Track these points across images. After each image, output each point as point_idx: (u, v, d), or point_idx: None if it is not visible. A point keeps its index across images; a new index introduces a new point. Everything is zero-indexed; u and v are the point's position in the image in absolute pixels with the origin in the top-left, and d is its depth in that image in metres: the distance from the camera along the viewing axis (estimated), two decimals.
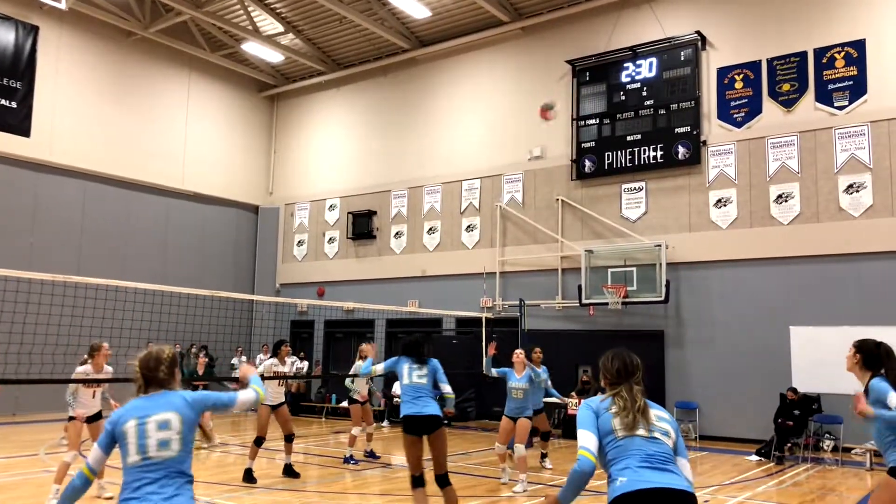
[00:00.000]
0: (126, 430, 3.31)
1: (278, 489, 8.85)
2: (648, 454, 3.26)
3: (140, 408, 3.38)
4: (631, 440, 3.30)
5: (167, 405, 3.39)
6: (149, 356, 3.52)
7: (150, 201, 19.56)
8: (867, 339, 4.91)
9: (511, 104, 17.77)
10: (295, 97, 22.37)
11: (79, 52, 18.26)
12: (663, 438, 3.34)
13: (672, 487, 3.18)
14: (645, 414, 3.37)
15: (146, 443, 3.27)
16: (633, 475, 3.19)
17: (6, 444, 11.99)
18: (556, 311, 16.31)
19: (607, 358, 3.66)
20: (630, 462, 3.24)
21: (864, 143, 13.33)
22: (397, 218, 19.52)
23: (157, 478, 3.24)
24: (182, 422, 3.36)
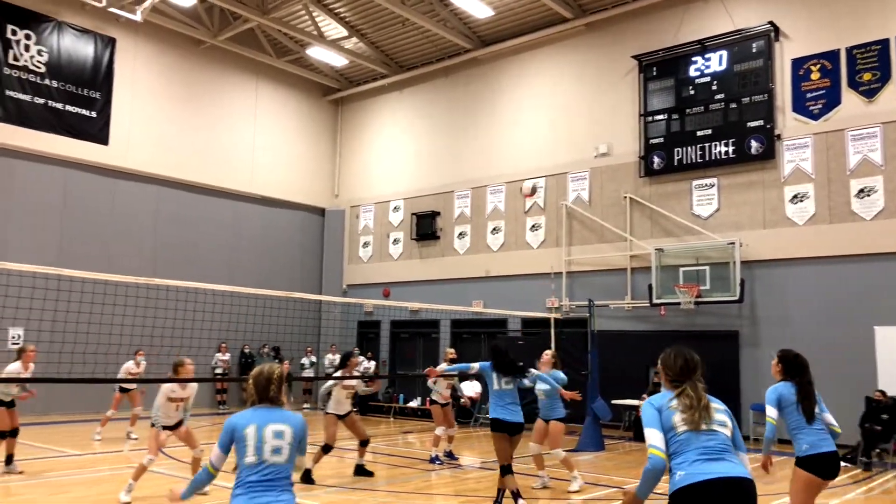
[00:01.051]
0: (246, 434, 3.78)
1: (353, 488, 8.91)
2: (706, 447, 3.41)
3: (259, 416, 3.86)
4: (691, 435, 3.45)
5: (282, 418, 3.88)
6: (260, 375, 3.99)
7: (221, 205, 20.07)
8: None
9: (575, 101, 17.55)
10: (359, 100, 22.62)
11: (152, 62, 18.88)
12: (721, 429, 3.51)
13: (729, 476, 3.31)
14: (708, 410, 3.52)
15: (262, 447, 3.75)
16: (691, 468, 3.35)
17: (91, 441, 12.43)
18: (626, 312, 16.01)
19: (668, 355, 3.76)
20: (688, 456, 3.40)
21: None
22: (461, 218, 19.51)
23: (268, 479, 3.73)
24: (293, 435, 3.85)
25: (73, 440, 12.53)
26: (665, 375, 3.74)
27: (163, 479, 9.27)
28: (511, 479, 7.48)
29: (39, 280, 9.46)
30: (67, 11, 17.26)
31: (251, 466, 3.74)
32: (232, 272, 18.93)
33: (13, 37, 16.39)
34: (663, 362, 3.76)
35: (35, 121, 16.59)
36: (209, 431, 14.76)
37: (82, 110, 17.40)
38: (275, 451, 3.76)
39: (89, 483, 8.90)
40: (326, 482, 9.32)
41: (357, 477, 9.54)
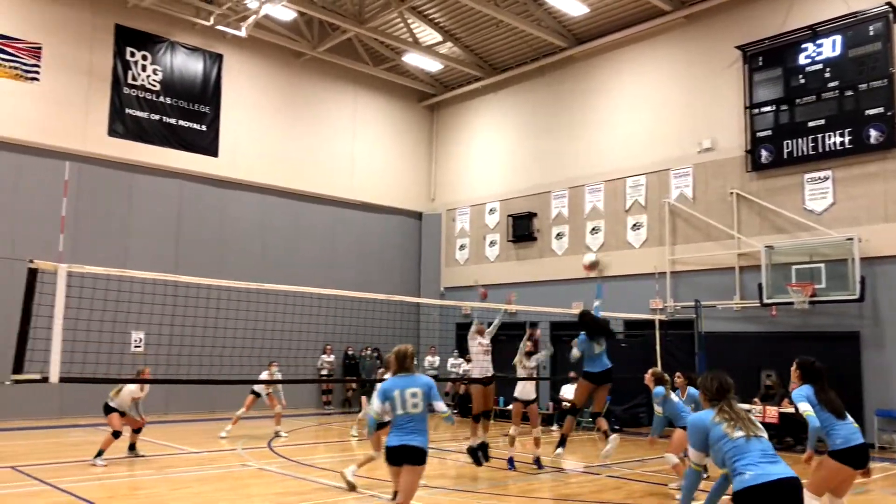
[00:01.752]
0: (394, 396, 5.68)
1: (455, 489, 8.95)
2: (762, 450, 4.03)
3: (400, 383, 5.74)
4: (744, 439, 4.06)
5: (415, 383, 5.76)
6: (400, 352, 5.89)
7: (322, 211, 20.67)
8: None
9: (676, 96, 17.02)
10: (453, 104, 22.78)
11: (256, 75, 19.68)
12: (765, 435, 4.14)
13: (787, 476, 3.94)
14: (750, 419, 4.19)
15: (406, 402, 5.66)
16: (758, 469, 3.91)
17: (210, 440, 13.05)
18: (735, 312, 15.36)
19: (707, 378, 4.43)
20: (751, 458, 3.97)
21: None
22: (558, 219, 19.29)
23: (410, 423, 5.64)
24: (423, 394, 5.71)
25: (191, 438, 13.19)
26: (704, 395, 4.39)
27: (274, 477, 9.61)
28: (571, 421, 9.69)
29: (158, 286, 10.01)
30: (179, 31, 18.24)
31: (399, 416, 5.64)
32: (334, 276, 19.45)
33: (131, 58, 17.47)
34: (702, 384, 4.42)
35: (151, 136, 17.61)
36: (315, 432, 15.22)
37: (193, 124, 18.33)
38: (413, 405, 5.66)
39: (208, 479, 9.34)
40: (431, 483, 9.41)
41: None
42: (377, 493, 8.37)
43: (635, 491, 9.00)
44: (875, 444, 12.92)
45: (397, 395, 5.64)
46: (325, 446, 13.17)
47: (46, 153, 15.81)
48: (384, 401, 5.66)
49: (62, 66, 16.38)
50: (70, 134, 16.34)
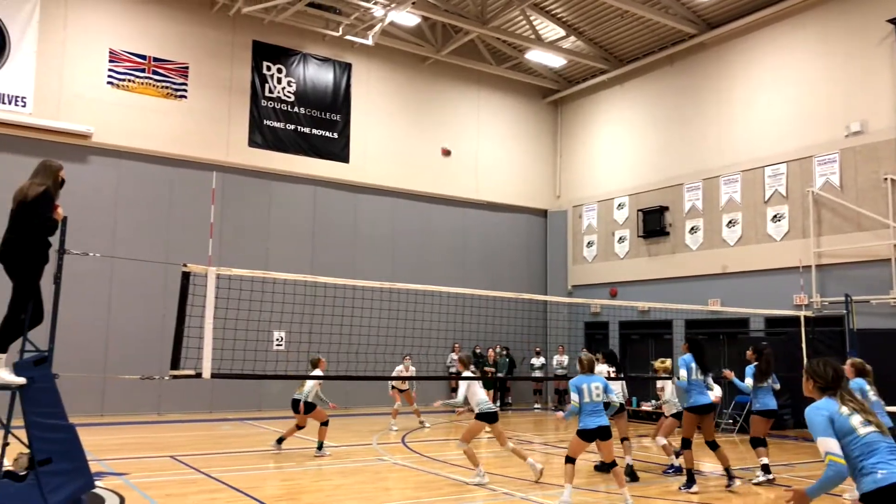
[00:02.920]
0: (582, 388, 7.79)
1: (588, 489, 8.82)
2: (891, 447, 3.67)
3: (587, 379, 7.90)
4: (871, 436, 3.68)
5: (596, 379, 7.97)
6: (583, 359, 8.21)
7: (449, 212, 20.97)
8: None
9: (819, 77, 15.92)
10: (577, 99, 22.44)
11: (384, 82, 20.25)
12: (888, 431, 3.76)
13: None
14: (871, 412, 3.79)
15: (591, 394, 7.76)
16: (891, 467, 3.57)
17: (346, 434, 13.57)
18: (892, 308, 14.17)
19: (819, 366, 3.98)
20: (882, 456, 3.63)
21: None
22: (692, 212, 18.55)
23: (597, 409, 7.78)
24: (603, 387, 7.92)
25: (329, 432, 13.73)
26: (815, 384, 3.95)
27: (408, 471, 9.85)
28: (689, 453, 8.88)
29: (298, 287, 10.50)
30: (310, 43, 19.08)
31: (587, 403, 7.75)
32: (461, 275, 19.69)
33: (267, 72, 18.46)
34: (814, 372, 3.96)
35: (287, 145, 18.54)
36: (446, 428, 15.45)
37: (326, 132, 19.12)
38: (596, 395, 7.80)
39: (345, 473, 9.70)
40: (559, 481, 9.32)
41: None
42: (510, 490, 8.39)
43: (781, 497, 8.49)
44: None
45: (585, 387, 7.76)
46: (456, 443, 13.34)
47: (194, 165, 17.01)
48: (576, 391, 7.78)
49: (207, 84, 17.56)
50: (214, 146, 17.50)
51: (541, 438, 13.93)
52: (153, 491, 8.07)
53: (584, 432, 7.72)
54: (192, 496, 7.97)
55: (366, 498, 8.10)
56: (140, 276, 15.58)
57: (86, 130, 15.86)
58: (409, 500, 8.01)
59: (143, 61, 16.81)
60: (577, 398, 7.75)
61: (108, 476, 8.73)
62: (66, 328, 10.52)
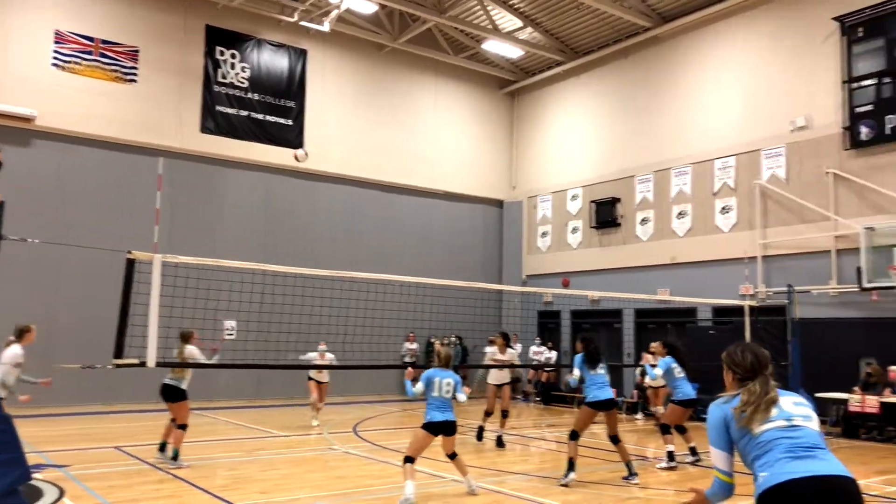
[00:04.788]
0: (434, 381, 7.78)
1: (538, 476, 8.95)
2: (791, 444, 3.04)
3: (440, 373, 7.84)
4: (768, 433, 3.09)
5: (449, 374, 7.87)
6: (440, 352, 8.17)
7: (406, 202, 20.96)
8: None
9: (767, 73, 16.29)
10: (534, 90, 22.57)
11: (340, 69, 20.09)
12: (806, 423, 3.12)
13: (822, 475, 2.92)
14: (777, 403, 3.16)
15: (442, 389, 7.79)
16: (774, 469, 2.98)
17: (297, 424, 13.50)
18: (831, 298, 14.64)
19: (736, 352, 3.39)
20: (771, 456, 3.04)
21: None
22: (643, 204, 18.85)
23: (445, 403, 7.79)
24: (454, 383, 7.88)
25: (281, 422, 13.68)
26: (733, 374, 3.36)
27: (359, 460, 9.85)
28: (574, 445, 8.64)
29: (247, 276, 10.39)
30: (265, 29, 18.81)
31: (436, 398, 7.73)
32: (417, 265, 19.69)
33: (221, 57, 18.15)
34: (731, 360, 3.39)
35: (240, 132, 18.27)
36: (398, 417, 15.49)
37: (280, 119, 18.89)
38: (447, 391, 7.77)
39: (295, 462, 9.67)
40: (513, 468, 9.44)
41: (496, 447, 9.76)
42: (457, 477, 8.47)
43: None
44: None
45: (436, 380, 7.79)
46: (408, 432, 13.38)
47: (144, 150, 16.66)
48: (427, 383, 7.88)
49: (157, 68, 17.19)
50: (165, 131, 17.16)
51: (492, 426, 14.06)
52: (95, 483, 7.93)
53: (431, 425, 7.58)
54: (137, 487, 7.86)
55: (316, 486, 8.10)
56: (84, 264, 15.21)
57: (28, 113, 15.40)
58: (361, 489, 8.03)
59: (91, 43, 16.37)
60: (422, 387, 7.75)
61: (48, 468, 8.55)
62: (6, 316, 10.25)
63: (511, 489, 8.07)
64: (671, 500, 7.83)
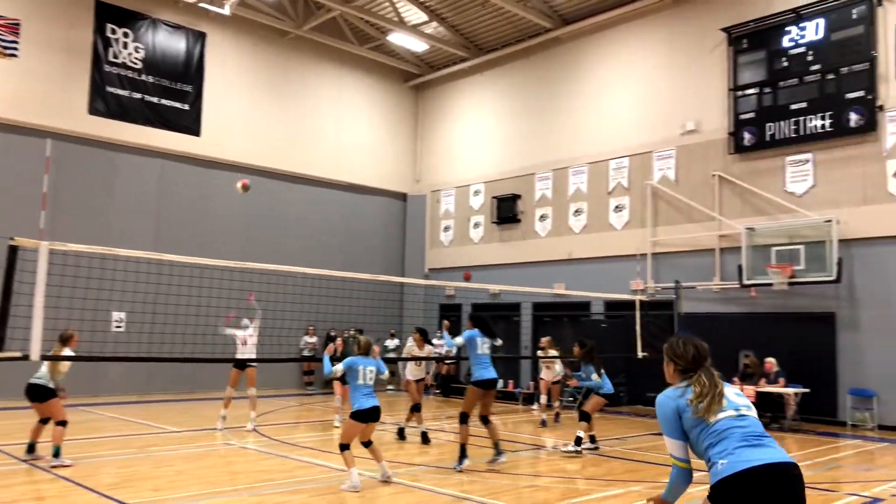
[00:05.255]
0: (357, 369, 7.91)
1: (437, 467, 9.06)
2: (744, 433, 3.20)
3: (362, 361, 8.01)
4: (722, 423, 3.23)
5: (371, 362, 8.10)
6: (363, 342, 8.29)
7: (308, 192, 20.61)
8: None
9: (661, 78, 17.08)
10: (439, 85, 22.71)
11: (241, 54, 19.51)
12: (749, 413, 3.30)
13: (776, 462, 3.11)
14: (724, 395, 3.32)
15: (366, 376, 7.96)
16: (734, 457, 3.11)
17: (191, 419, 13.09)
18: (714, 294, 15.55)
19: (678, 345, 3.55)
20: (727, 444, 3.17)
21: None
22: (542, 201, 19.36)
23: (370, 390, 7.94)
24: (377, 369, 8.12)
25: (172, 417, 13.22)
26: (675, 366, 3.53)
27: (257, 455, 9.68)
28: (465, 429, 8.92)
29: (140, 265, 9.97)
30: (161, 8, 18.02)
31: (361, 385, 7.88)
32: (318, 257, 19.39)
33: (112, 35, 17.25)
34: (672, 352, 3.55)
35: (133, 115, 17.43)
36: (296, 412, 15.29)
37: (176, 103, 18.17)
38: (370, 378, 7.94)
39: (189, 458, 9.38)
40: (414, 461, 9.51)
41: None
42: (362, 470, 8.46)
43: (615, 468, 9.16)
44: (847, 422, 13.22)
45: (360, 368, 7.91)
46: (307, 426, 13.24)
47: (27, 130, 15.64)
48: (349, 369, 7.97)
49: (41, 43, 16.15)
50: (50, 111, 16.16)
51: (392, 419, 14.10)
52: None
53: (360, 413, 7.73)
54: (17, 487, 7.41)
55: (210, 483, 7.89)
56: None
57: None
58: (259, 484, 7.88)
59: None
60: (341, 369, 7.94)
61: None
62: None
63: (411, 480, 8.14)
64: (566, 487, 8.12)
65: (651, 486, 8.03)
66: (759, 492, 3.05)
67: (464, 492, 7.56)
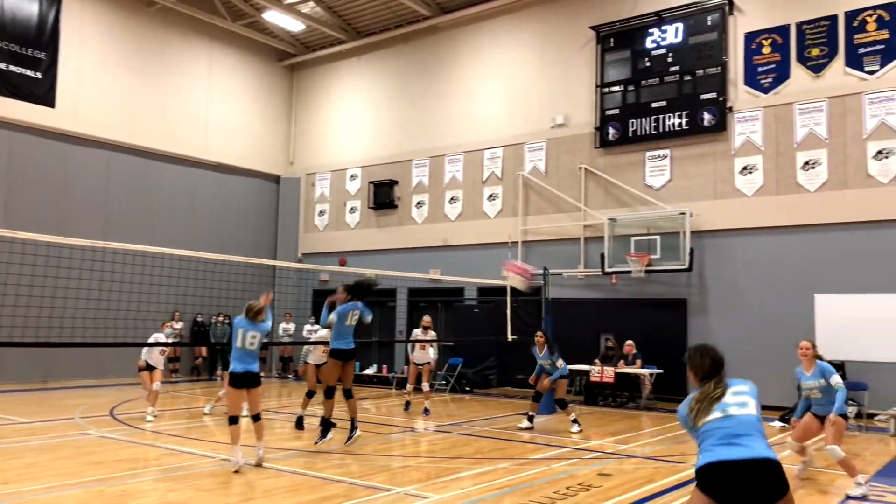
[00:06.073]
0: (238, 332, 7.89)
1: (314, 452, 9.02)
2: (722, 433, 3.59)
3: (245, 324, 7.96)
4: (706, 426, 3.67)
5: (257, 328, 7.99)
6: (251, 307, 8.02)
7: (174, 171, 19.71)
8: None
9: (534, 71, 17.64)
10: (315, 66, 22.32)
11: (101, 22, 18.31)
12: (740, 411, 3.67)
13: (740, 458, 3.48)
14: (719, 399, 3.72)
15: (246, 341, 7.89)
16: (707, 454, 3.57)
17: (43, 409, 12.28)
18: (579, 280, 16.34)
19: (696, 357, 3.97)
20: (707, 444, 3.61)
21: (895, 108, 13.13)
22: (419, 187, 19.54)
23: (250, 354, 7.90)
24: (262, 335, 7.97)
25: (22, 408, 12.35)
26: (694, 374, 3.94)
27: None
28: (326, 403, 9.08)
29: None
30: None
31: (240, 349, 7.87)
32: (186, 239, 18.61)
33: None
34: (692, 364, 3.95)
35: None
36: (161, 399, 14.68)
37: (27, 71, 16.82)
38: (251, 344, 7.89)
39: (42, 449, 8.82)
40: (285, 446, 9.41)
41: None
42: (227, 456, 8.29)
43: (484, 447, 9.47)
44: None
45: (241, 332, 7.93)
46: (172, 413, 12.76)
47: None
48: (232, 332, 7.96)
49: None
50: None
51: (262, 405, 13.85)
52: None
53: (234, 377, 7.78)
54: None
55: (66, 474, 7.45)
56: None
57: None
58: (119, 473, 7.53)
59: None
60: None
61: None
62: None
63: (285, 465, 8.06)
64: (437, 466, 8.31)
65: (518, 462, 8.38)
66: (720, 482, 3.49)
67: (336, 474, 7.58)
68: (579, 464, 8.38)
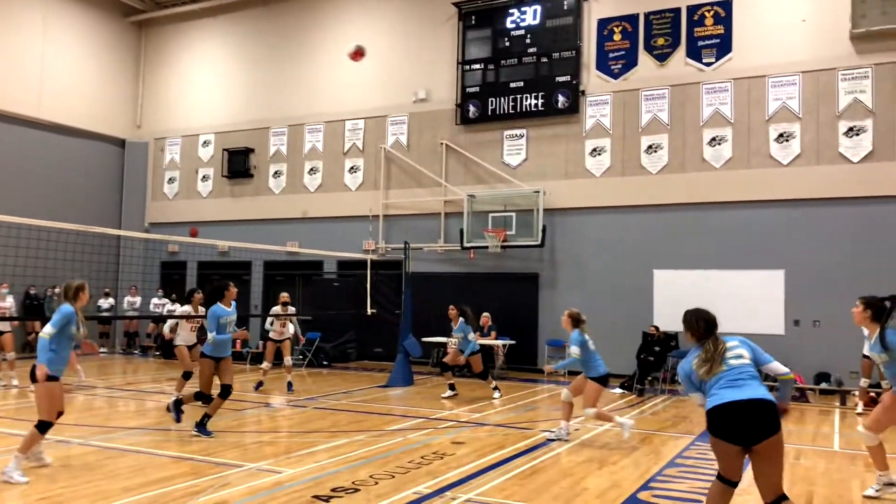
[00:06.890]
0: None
1: (156, 429, 8.62)
2: (728, 378, 4.23)
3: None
4: (717, 376, 4.28)
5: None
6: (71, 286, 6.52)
7: (5, 131, 17.94)
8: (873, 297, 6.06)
9: (397, 45, 17.54)
10: (167, 24, 20.98)
11: None
12: (737, 361, 4.31)
13: (745, 399, 4.11)
14: (723, 355, 4.34)
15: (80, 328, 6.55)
16: (714, 398, 4.19)
17: None
18: (439, 255, 16.58)
19: (692, 320, 4.53)
20: (713, 389, 4.24)
21: (728, 99, 14.26)
22: (276, 156, 18.98)
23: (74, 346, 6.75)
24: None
25: None
26: (691, 335, 4.51)
27: None
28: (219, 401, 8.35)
29: None
30: None
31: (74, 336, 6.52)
32: (17, 205, 17.03)
33: None
34: (689, 326, 4.52)
35: None
36: None
37: None
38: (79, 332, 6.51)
39: None
40: (130, 424, 8.94)
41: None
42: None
43: (340, 420, 9.45)
44: (543, 370, 14.97)
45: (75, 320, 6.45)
46: (2, 393, 11.76)
47: None
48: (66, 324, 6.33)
49: None
50: None
51: (105, 383, 13.09)
52: None
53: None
54: None
55: None
56: None
57: None
58: None
59: None
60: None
61: None
62: None
63: (126, 444, 7.65)
64: (290, 441, 8.20)
65: (375, 434, 8.44)
66: (726, 419, 4.12)
67: (184, 451, 7.30)
68: (434, 433, 8.56)
